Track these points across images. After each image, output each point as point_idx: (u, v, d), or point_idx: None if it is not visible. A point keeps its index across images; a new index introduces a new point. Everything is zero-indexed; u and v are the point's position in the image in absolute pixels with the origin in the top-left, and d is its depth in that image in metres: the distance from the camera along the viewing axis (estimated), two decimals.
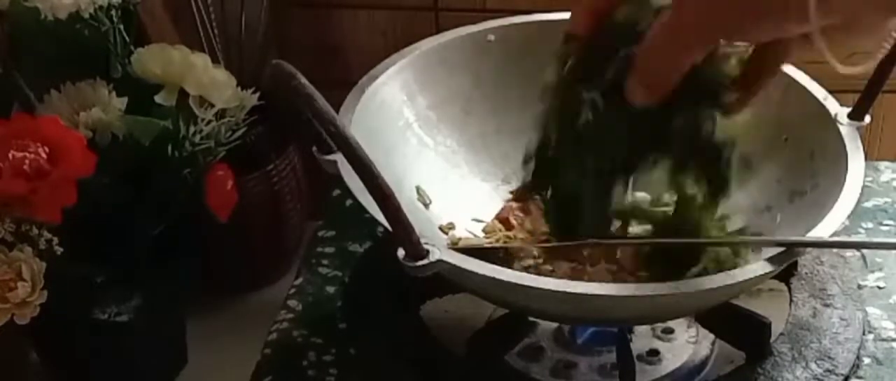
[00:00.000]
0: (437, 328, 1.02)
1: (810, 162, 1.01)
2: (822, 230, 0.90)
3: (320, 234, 1.16)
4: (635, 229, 0.93)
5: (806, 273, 1.06)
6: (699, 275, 0.90)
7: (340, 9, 1.37)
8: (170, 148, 1.02)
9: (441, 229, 1.04)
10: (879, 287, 1.07)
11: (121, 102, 1.01)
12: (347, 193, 0.93)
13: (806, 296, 1.04)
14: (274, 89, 0.81)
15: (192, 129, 1.02)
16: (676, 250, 0.93)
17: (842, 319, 1.02)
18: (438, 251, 0.83)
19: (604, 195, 0.89)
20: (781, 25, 0.76)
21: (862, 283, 1.07)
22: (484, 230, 1.04)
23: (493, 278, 0.87)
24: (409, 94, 1.06)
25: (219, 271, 1.19)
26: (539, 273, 0.96)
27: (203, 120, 1.02)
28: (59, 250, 0.94)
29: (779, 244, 0.91)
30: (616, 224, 0.92)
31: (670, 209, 0.92)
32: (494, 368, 0.98)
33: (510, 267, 0.94)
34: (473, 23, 1.11)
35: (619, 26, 0.84)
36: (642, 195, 0.93)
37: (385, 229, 0.83)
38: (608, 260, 0.98)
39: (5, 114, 0.98)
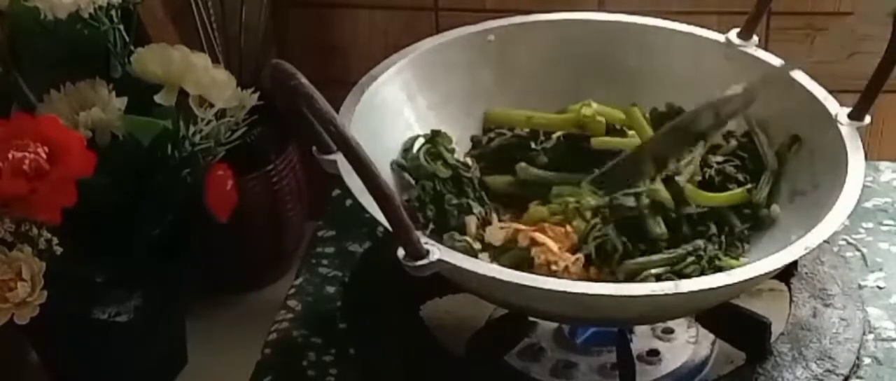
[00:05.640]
0: (437, 328, 1.02)
1: (810, 162, 1.01)
2: (823, 230, 0.90)
3: (320, 234, 1.16)
4: None
5: (806, 273, 1.06)
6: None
7: (340, 9, 1.37)
8: (170, 148, 1.01)
9: None
10: (879, 287, 1.07)
11: (121, 102, 1.01)
12: (347, 193, 0.93)
13: (806, 296, 1.04)
14: (274, 89, 0.81)
15: (192, 129, 1.02)
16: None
17: (842, 319, 1.02)
18: (438, 251, 0.84)
19: None
20: None
21: (862, 283, 1.07)
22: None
23: (493, 278, 0.87)
24: (409, 94, 1.06)
25: (219, 271, 1.19)
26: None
27: (203, 120, 1.02)
28: (59, 250, 0.94)
29: None
30: None
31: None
32: (494, 368, 0.98)
33: None
34: (473, 23, 1.11)
35: None
36: None
37: (385, 229, 0.83)
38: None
39: (5, 114, 0.98)
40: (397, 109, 1.05)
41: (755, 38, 1.08)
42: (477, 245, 0.98)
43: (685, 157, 1.02)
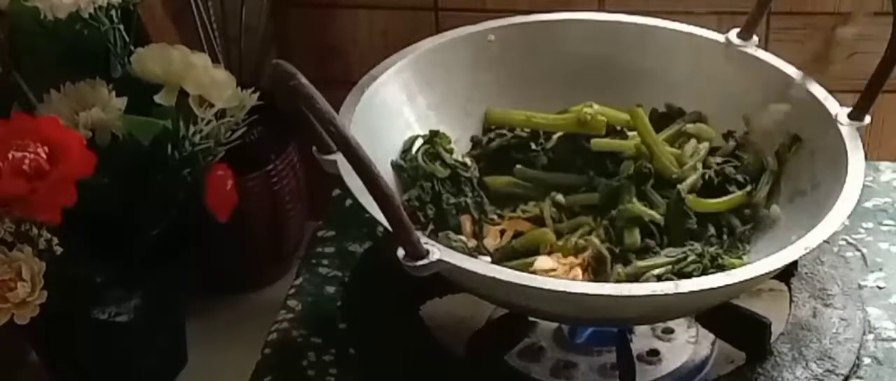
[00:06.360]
0: (437, 328, 1.02)
1: (810, 162, 1.01)
2: (823, 230, 0.90)
3: (320, 234, 1.16)
4: None
5: (806, 273, 1.06)
6: None
7: (340, 9, 1.37)
8: (170, 148, 1.01)
9: None
10: (879, 287, 1.07)
11: (121, 102, 1.01)
12: (347, 193, 0.93)
13: (806, 296, 1.04)
14: (274, 89, 0.81)
15: (192, 129, 1.02)
16: None
17: (842, 319, 1.02)
18: (438, 251, 0.83)
19: None
20: None
21: (862, 283, 1.07)
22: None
23: (493, 278, 0.87)
24: (409, 94, 1.06)
25: (219, 271, 1.19)
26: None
27: (203, 120, 1.02)
28: (59, 250, 0.94)
29: None
30: None
31: None
32: (494, 368, 0.98)
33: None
34: (473, 23, 1.11)
35: None
36: None
37: (385, 229, 0.83)
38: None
39: (5, 114, 0.98)
40: (397, 109, 1.05)
41: (755, 38, 1.09)
42: (472, 243, 0.98)
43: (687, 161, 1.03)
